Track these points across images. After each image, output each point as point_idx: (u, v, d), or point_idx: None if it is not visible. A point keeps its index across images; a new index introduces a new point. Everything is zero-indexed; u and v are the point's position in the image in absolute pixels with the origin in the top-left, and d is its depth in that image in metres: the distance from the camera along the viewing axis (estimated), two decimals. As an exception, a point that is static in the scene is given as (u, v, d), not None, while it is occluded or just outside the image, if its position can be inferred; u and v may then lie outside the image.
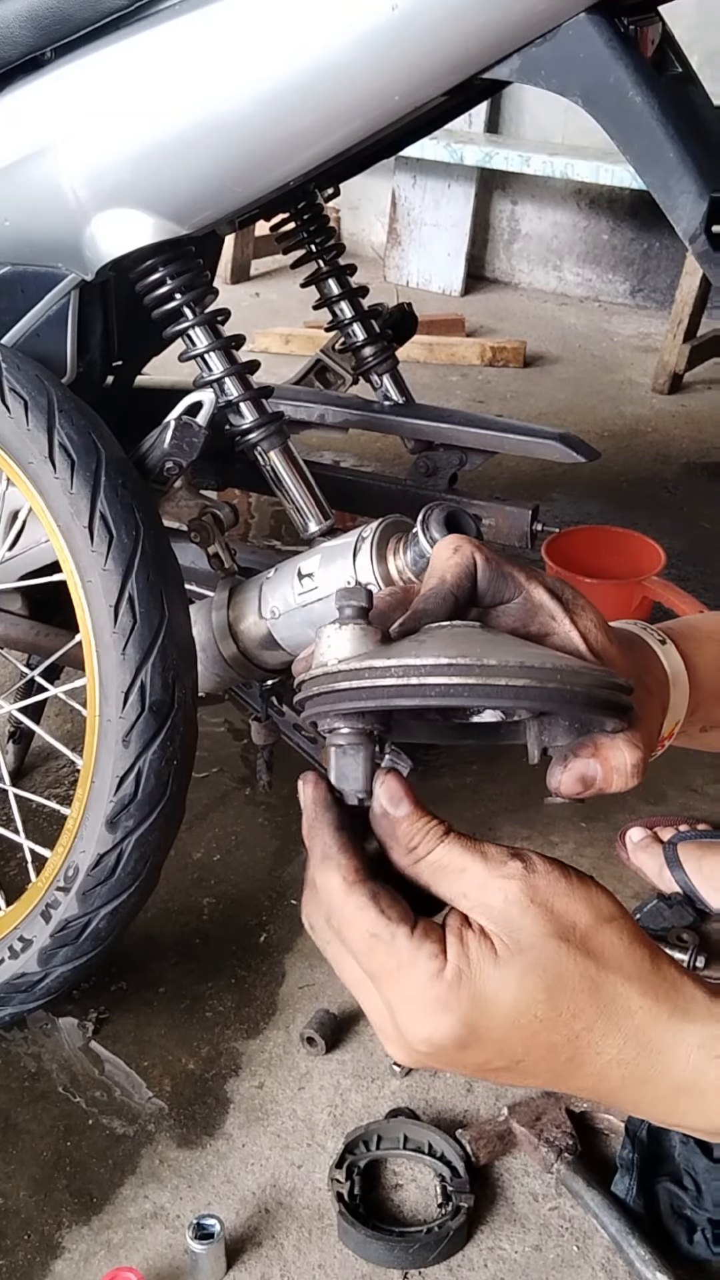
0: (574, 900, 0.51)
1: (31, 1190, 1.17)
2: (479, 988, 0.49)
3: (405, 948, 0.50)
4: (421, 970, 0.50)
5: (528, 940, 0.50)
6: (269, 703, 1.40)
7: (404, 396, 1.71)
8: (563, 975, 0.50)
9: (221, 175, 1.18)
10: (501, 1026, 0.50)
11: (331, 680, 0.53)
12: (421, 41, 1.05)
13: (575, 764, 0.59)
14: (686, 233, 1.04)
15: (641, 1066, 0.51)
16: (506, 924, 0.50)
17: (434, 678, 0.50)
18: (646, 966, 0.51)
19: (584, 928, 0.50)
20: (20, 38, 1.20)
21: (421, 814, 0.53)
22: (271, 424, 1.30)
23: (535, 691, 0.50)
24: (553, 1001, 0.50)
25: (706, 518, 2.56)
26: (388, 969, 0.50)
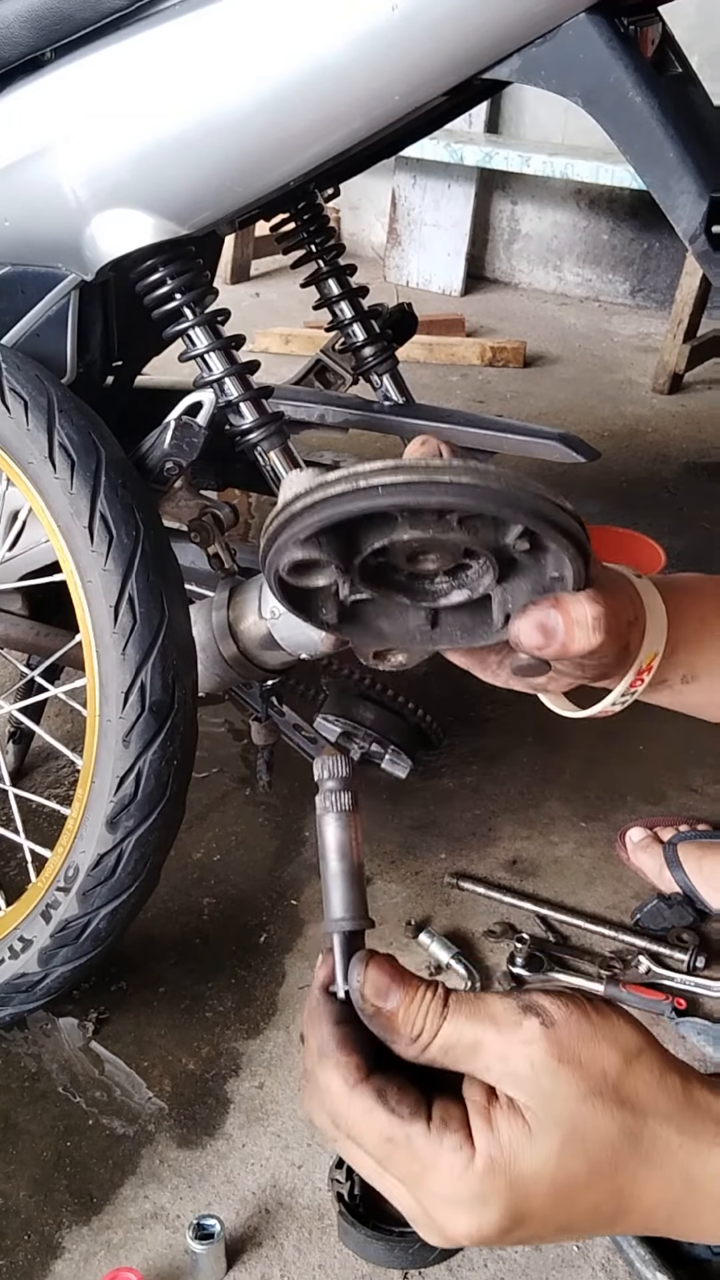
0: (600, 1045, 0.48)
1: (31, 1190, 1.17)
2: (516, 1173, 0.46)
3: (425, 1146, 0.47)
4: (449, 1167, 0.46)
5: (561, 1109, 0.46)
6: (269, 703, 1.40)
7: (404, 396, 1.71)
8: (601, 1135, 0.47)
9: (222, 175, 1.18)
10: (545, 1204, 0.47)
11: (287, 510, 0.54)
12: (421, 41, 1.05)
13: (534, 611, 0.57)
14: (686, 233, 1.03)
15: (687, 1203, 0.49)
16: (538, 1093, 0.47)
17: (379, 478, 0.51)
18: (679, 1098, 0.49)
19: (615, 1075, 0.47)
20: (20, 38, 1.20)
21: (413, 994, 0.49)
22: (271, 424, 1.30)
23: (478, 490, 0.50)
24: (593, 1165, 0.47)
25: (706, 518, 2.56)
26: (412, 1172, 0.47)
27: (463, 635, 0.64)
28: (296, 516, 0.54)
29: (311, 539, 0.55)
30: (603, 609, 0.58)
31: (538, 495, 0.52)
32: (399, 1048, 0.49)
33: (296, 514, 0.54)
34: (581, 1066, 0.47)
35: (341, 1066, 0.48)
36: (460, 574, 0.61)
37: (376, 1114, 0.47)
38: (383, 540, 0.56)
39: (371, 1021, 0.50)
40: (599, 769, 1.77)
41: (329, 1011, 0.50)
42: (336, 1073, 0.48)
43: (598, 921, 1.47)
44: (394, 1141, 0.47)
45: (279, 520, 0.55)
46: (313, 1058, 0.50)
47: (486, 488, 0.51)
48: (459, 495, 0.51)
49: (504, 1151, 0.46)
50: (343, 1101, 0.48)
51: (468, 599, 0.62)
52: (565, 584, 0.58)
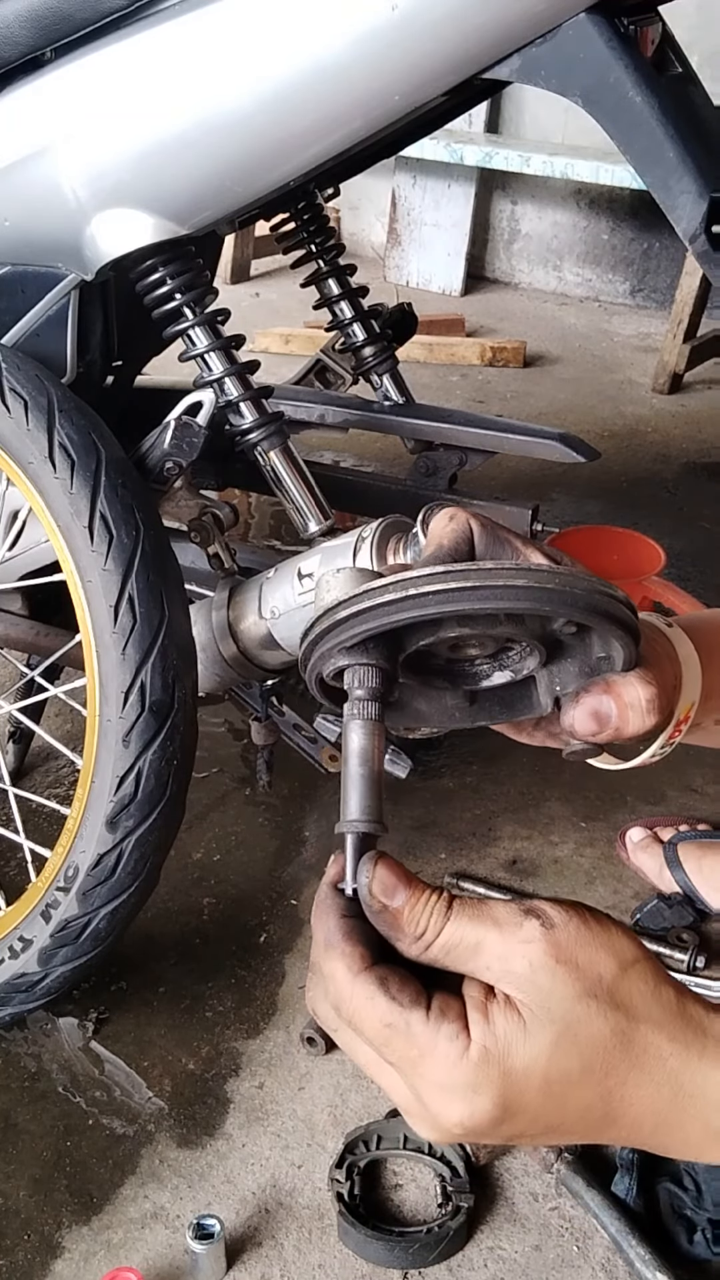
0: (597, 950, 0.49)
1: (31, 1190, 1.17)
2: (509, 1064, 0.47)
3: (423, 1033, 0.48)
4: (445, 1054, 0.47)
5: (557, 1006, 0.48)
6: (269, 703, 1.40)
7: (404, 396, 1.71)
8: (594, 1035, 0.48)
9: (222, 175, 1.18)
10: (536, 1098, 0.48)
11: (330, 616, 0.52)
12: (421, 42, 1.05)
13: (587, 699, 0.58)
14: (686, 233, 1.03)
15: (675, 1112, 0.50)
16: (534, 990, 0.48)
17: (429, 584, 0.49)
18: (673, 1009, 0.50)
19: (610, 979, 0.49)
20: (20, 38, 1.20)
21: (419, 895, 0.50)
22: (271, 424, 1.30)
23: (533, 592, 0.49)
24: (585, 1063, 0.48)
25: (706, 518, 2.56)
26: (409, 1057, 0.48)
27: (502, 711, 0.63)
28: (341, 624, 0.52)
29: (357, 646, 0.53)
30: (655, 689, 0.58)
31: (593, 591, 0.51)
32: (402, 946, 0.50)
33: (341, 622, 0.52)
34: (578, 968, 0.48)
35: (346, 955, 0.49)
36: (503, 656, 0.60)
37: (377, 1000, 0.48)
38: (429, 639, 0.55)
39: (377, 918, 0.51)
40: (599, 769, 1.77)
41: (337, 905, 0.51)
42: (341, 961, 0.49)
43: (598, 921, 1.47)
44: (393, 1028, 0.48)
45: (322, 627, 0.52)
46: (319, 949, 0.51)
47: (542, 590, 0.50)
48: (514, 599, 0.50)
49: (499, 1042, 0.47)
50: (346, 988, 0.49)
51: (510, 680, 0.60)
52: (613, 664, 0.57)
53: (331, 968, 0.50)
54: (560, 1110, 0.49)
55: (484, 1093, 0.47)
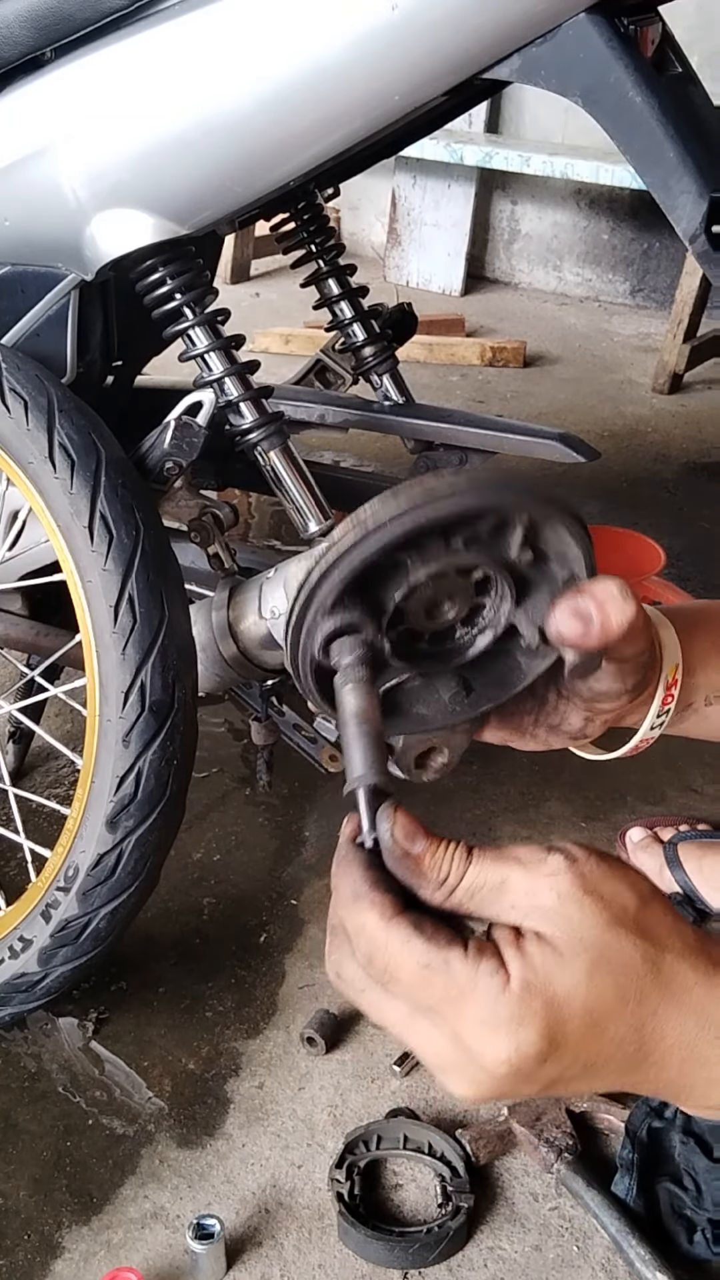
0: (619, 882, 0.50)
1: (31, 1190, 1.17)
2: (551, 994, 0.47)
3: (463, 971, 0.47)
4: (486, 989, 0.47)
5: (589, 934, 0.48)
6: (269, 703, 1.40)
7: (404, 396, 1.71)
8: (626, 962, 0.49)
9: (222, 175, 1.18)
10: (578, 1029, 0.48)
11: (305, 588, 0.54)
12: (421, 42, 1.05)
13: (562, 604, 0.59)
14: (686, 233, 1.03)
15: (701, 1045, 0.50)
16: (564, 922, 0.48)
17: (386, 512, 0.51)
18: (692, 941, 0.51)
19: (635, 909, 0.50)
20: (20, 38, 1.20)
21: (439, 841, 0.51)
22: (271, 424, 1.30)
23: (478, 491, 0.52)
24: (620, 991, 0.48)
25: (706, 518, 2.56)
26: (449, 997, 0.48)
27: (497, 689, 0.64)
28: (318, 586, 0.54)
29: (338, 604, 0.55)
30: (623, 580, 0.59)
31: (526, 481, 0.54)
32: (426, 892, 0.50)
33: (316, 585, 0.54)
34: (604, 899, 0.49)
35: (377, 904, 0.49)
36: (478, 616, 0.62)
37: (414, 943, 0.48)
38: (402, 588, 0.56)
39: (399, 865, 0.51)
40: (599, 769, 1.76)
41: (359, 859, 0.51)
42: (373, 910, 0.49)
43: (598, 921, 1.47)
44: (431, 968, 0.48)
45: (301, 600, 0.54)
46: (344, 903, 0.51)
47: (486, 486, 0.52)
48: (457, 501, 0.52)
49: (538, 974, 0.47)
50: (380, 935, 0.49)
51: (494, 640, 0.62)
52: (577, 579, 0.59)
53: (362, 919, 0.50)
54: (599, 1042, 0.49)
55: (529, 1024, 0.47)
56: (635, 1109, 1.16)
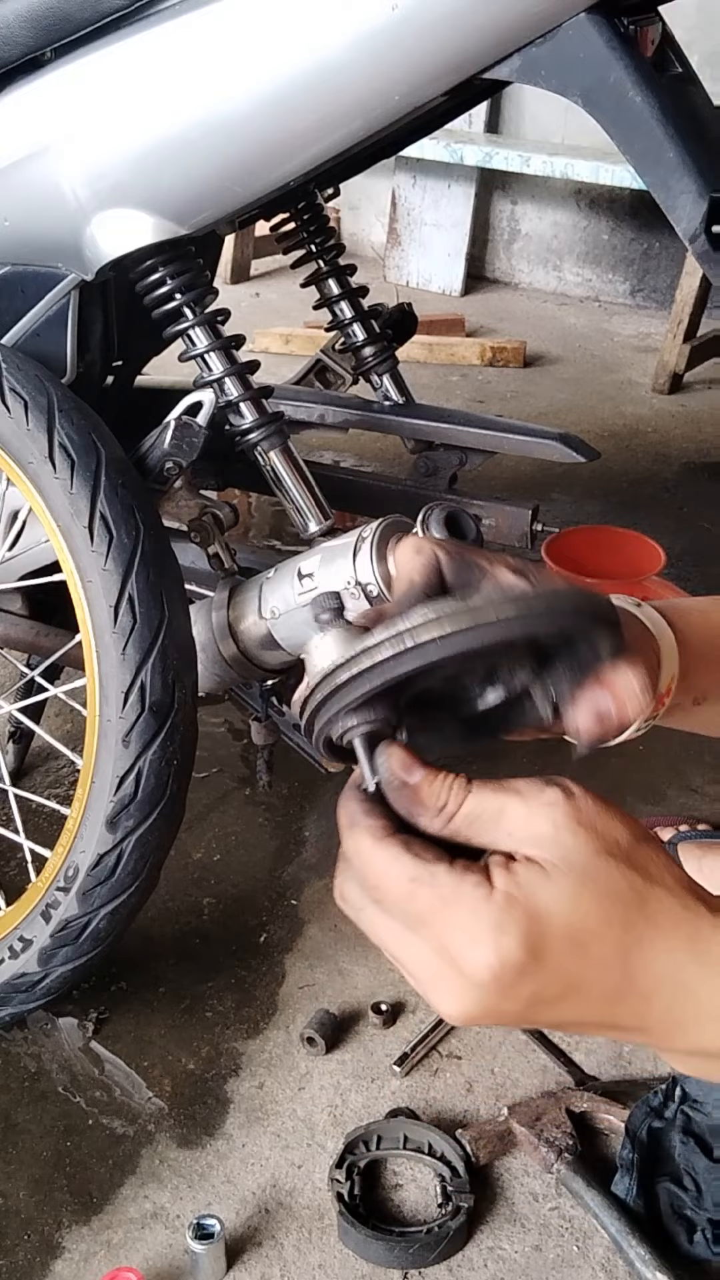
0: (614, 819, 0.51)
1: (31, 1190, 1.17)
2: (532, 906, 0.49)
3: (448, 881, 0.49)
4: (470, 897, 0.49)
5: (578, 858, 0.50)
6: (269, 703, 1.40)
7: (404, 396, 1.71)
8: (613, 888, 0.50)
9: (221, 175, 1.18)
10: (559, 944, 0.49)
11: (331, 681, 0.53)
12: (421, 41, 1.05)
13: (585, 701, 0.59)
14: (686, 233, 1.04)
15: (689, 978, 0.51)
16: (556, 847, 0.50)
17: (426, 633, 0.50)
18: (683, 880, 0.52)
19: (626, 844, 0.51)
20: (20, 38, 1.20)
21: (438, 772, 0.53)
22: (271, 424, 1.30)
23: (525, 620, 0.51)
24: (605, 914, 0.50)
25: (706, 518, 2.56)
26: (434, 907, 0.50)
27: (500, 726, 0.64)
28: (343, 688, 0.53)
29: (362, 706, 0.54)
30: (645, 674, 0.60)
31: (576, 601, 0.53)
32: (425, 820, 0.52)
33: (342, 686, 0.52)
34: (598, 831, 0.51)
35: (369, 828, 0.51)
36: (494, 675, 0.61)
37: (403, 859, 0.50)
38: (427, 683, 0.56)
39: (398, 796, 0.53)
40: (599, 769, 1.77)
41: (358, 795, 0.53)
42: (366, 834, 0.51)
43: (598, 921, 1.47)
44: (418, 880, 0.50)
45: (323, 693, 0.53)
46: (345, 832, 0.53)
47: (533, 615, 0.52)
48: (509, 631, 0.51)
49: (522, 887, 0.49)
50: (370, 853, 0.51)
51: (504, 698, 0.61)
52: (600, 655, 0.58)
53: (356, 843, 0.51)
54: (581, 961, 0.50)
55: (510, 931, 0.49)
56: (635, 1109, 1.16)
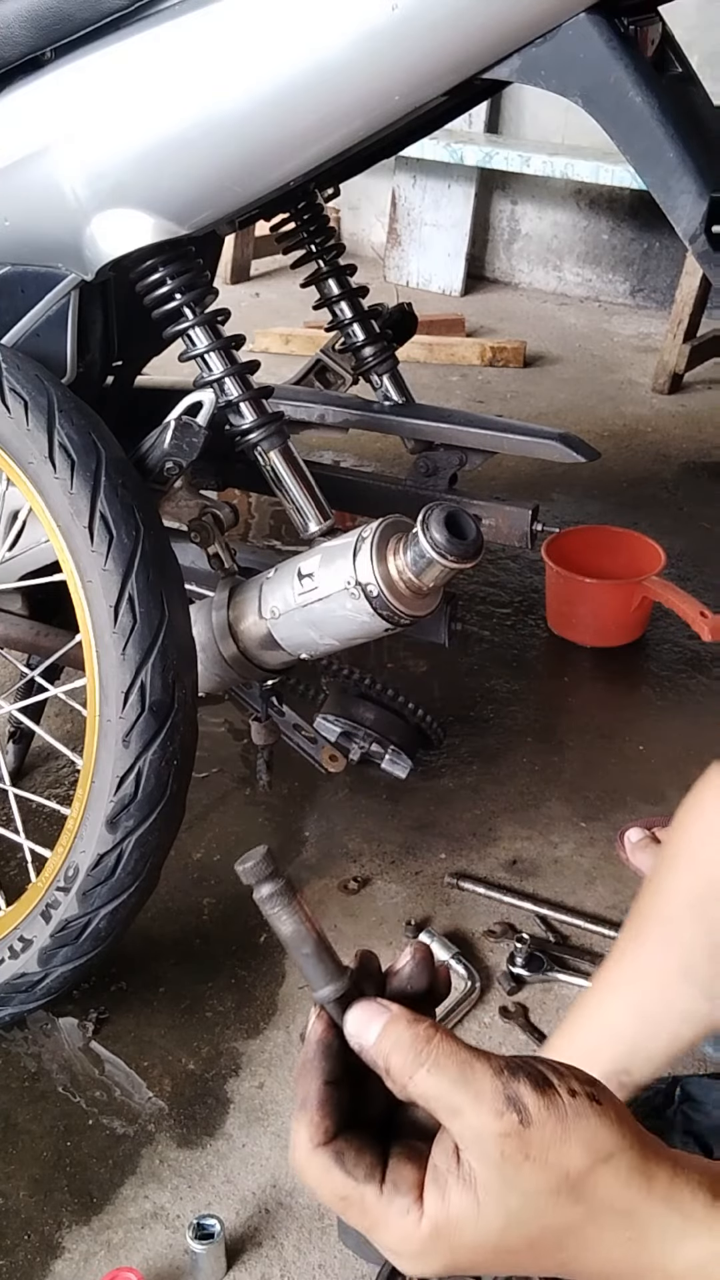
0: (570, 1146, 0.49)
1: (31, 1190, 1.17)
2: (459, 1241, 0.50)
3: (375, 1207, 0.51)
4: (397, 1227, 0.50)
5: (515, 1198, 0.49)
6: (269, 703, 1.40)
7: (404, 396, 1.71)
8: (546, 1225, 0.50)
9: (221, 175, 1.18)
10: (486, 1262, 0.51)
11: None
12: (422, 41, 1.05)
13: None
14: (686, 233, 1.04)
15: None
16: (498, 1177, 0.49)
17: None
18: (640, 1200, 0.51)
19: (576, 1175, 0.50)
20: (20, 38, 1.20)
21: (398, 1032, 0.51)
22: (271, 424, 1.30)
23: None
24: (534, 1249, 0.50)
25: (706, 518, 2.56)
26: (364, 1225, 0.52)
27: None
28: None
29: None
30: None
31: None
32: (387, 1082, 0.52)
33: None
34: (546, 1166, 0.49)
35: (311, 1125, 0.52)
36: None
37: (333, 1174, 0.51)
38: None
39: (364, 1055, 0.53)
40: (599, 769, 1.77)
41: (322, 1069, 0.53)
42: (305, 1130, 0.52)
43: (598, 921, 1.47)
44: (348, 1200, 0.51)
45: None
46: (296, 1107, 0.53)
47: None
48: None
49: (450, 1221, 0.50)
50: (304, 1157, 0.52)
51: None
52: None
53: (296, 1131, 0.52)
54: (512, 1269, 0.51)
55: (433, 1260, 0.51)
56: (635, 1109, 1.16)
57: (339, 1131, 0.52)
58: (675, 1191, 0.51)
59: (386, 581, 1.10)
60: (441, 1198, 0.50)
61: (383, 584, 1.10)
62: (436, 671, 2.00)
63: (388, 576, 1.10)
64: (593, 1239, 0.50)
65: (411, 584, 1.10)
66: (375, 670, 1.91)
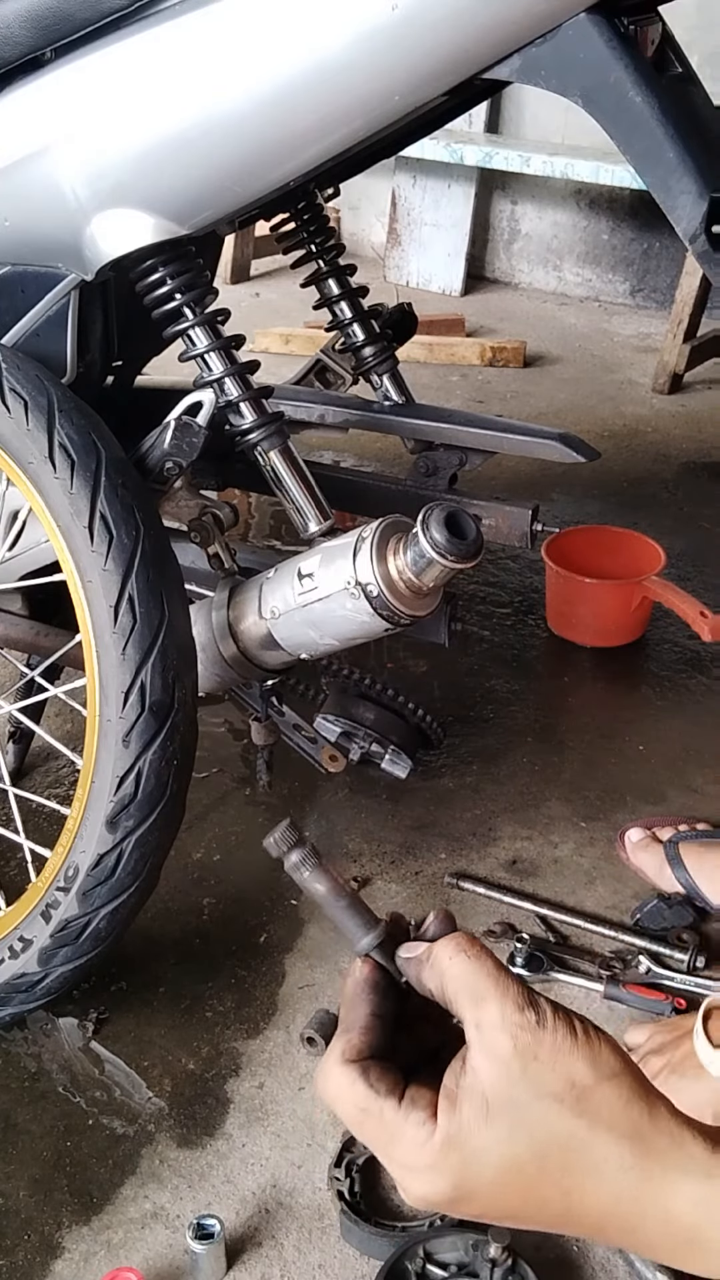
0: (576, 1059, 0.53)
1: (31, 1190, 1.17)
2: (467, 1153, 0.52)
3: (394, 1120, 0.54)
4: (411, 1138, 0.53)
5: (521, 1096, 0.52)
6: (269, 703, 1.40)
7: (404, 396, 1.71)
8: (552, 1135, 0.52)
9: (222, 175, 1.18)
10: (491, 1186, 0.53)
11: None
12: (422, 41, 1.05)
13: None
14: (686, 233, 1.04)
15: (634, 1221, 0.53)
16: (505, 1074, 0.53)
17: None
18: (643, 1123, 0.53)
19: (581, 1086, 0.52)
20: (20, 38, 1.20)
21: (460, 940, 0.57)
22: (271, 424, 1.30)
23: None
24: (540, 1161, 0.52)
25: (706, 518, 2.56)
26: (380, 1139, 0.55)
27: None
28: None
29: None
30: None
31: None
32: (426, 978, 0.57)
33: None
34: (554, 1069, 0.53)
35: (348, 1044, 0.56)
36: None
37: (358, 1086, 0.55)
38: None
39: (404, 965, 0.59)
40: (599, 769, 1.77)
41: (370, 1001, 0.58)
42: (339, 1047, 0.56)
43: (598, 921, 1.47)
44: (367, 1111, 0.55)
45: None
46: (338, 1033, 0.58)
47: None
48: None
49: (460, 1130, 0.53)
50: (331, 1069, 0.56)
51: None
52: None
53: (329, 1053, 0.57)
54: (519, 1200, 0.54)
55: (443, 1174, 0.53)
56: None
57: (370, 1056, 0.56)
58: (676, 1128, 0.53)
59: (386, 581, 1.10)
60: (452, 1108, 0.53)
61: (383, 584, 1.10)
62: (436, 671, 2.00)
63: (388, 576, 1.10)
64: (597, 1162, 0.52)
65: (411, 584, 1.10)
66: (375, 670, 1.91)
